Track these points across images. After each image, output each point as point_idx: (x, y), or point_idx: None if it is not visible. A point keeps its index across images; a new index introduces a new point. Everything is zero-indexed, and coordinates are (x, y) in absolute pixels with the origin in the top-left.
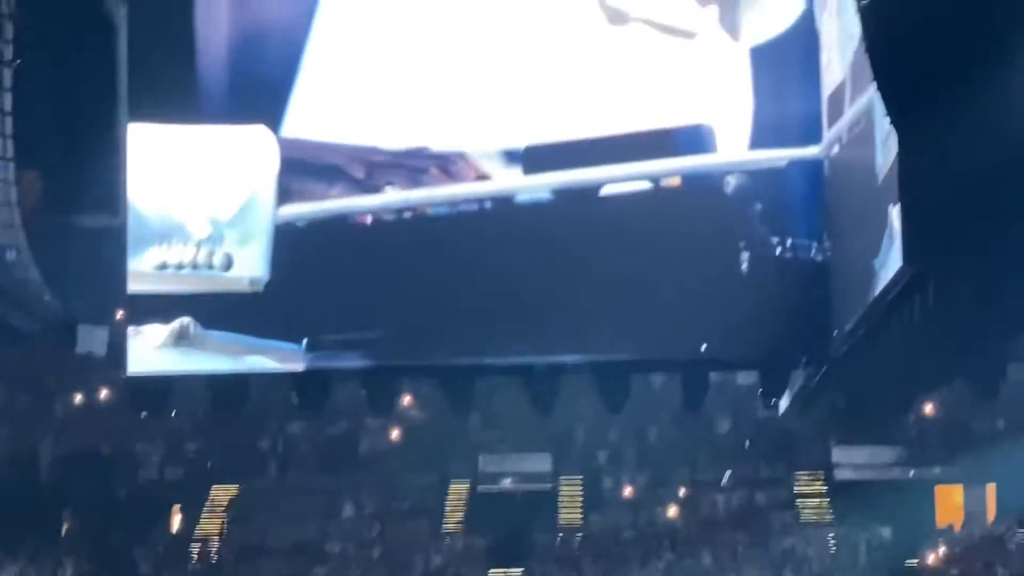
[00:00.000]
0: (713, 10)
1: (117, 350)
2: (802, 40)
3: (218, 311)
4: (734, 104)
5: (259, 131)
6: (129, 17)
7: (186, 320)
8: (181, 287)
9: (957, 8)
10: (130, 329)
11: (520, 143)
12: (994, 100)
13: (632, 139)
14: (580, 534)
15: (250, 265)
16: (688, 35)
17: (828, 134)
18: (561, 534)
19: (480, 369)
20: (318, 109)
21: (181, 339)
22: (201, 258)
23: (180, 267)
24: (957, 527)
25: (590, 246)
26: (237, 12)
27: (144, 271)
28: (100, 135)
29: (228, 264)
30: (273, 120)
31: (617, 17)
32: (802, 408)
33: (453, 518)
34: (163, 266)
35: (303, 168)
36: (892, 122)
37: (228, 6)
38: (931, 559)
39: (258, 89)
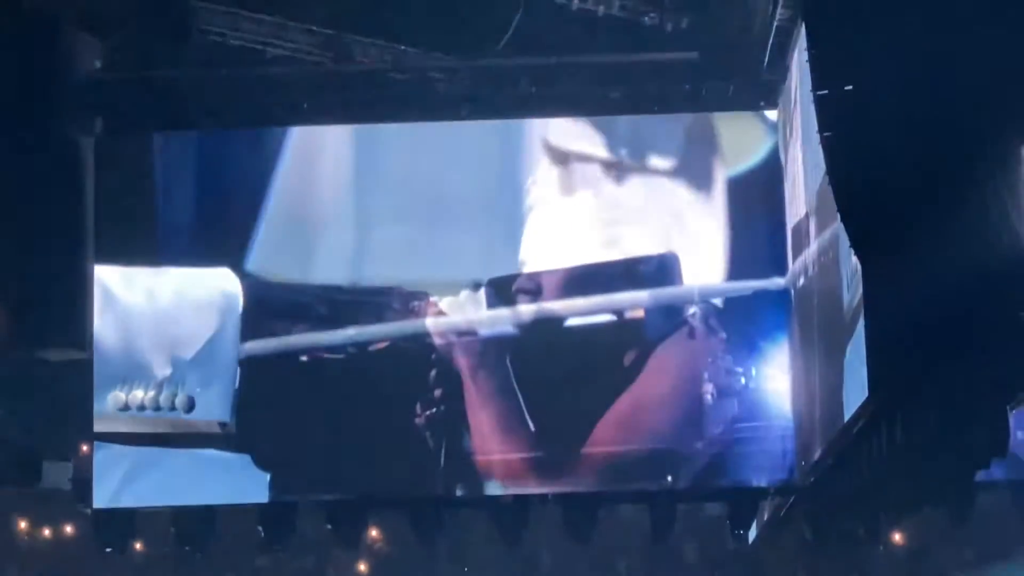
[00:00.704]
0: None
1: (82, 485)
2: (770, 170)
3: (183, 442)
4: (700, 234)
5: (223, 273)
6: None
7: (151, 450)
8: (144, 429)
9: (923, 140)
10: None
11: (482, 278)
12: (961, 234)
13: (595, 269)
14: None
15: (213, 407)
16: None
17: (793, 265)
18: None
19: (447, 501)
20: (284, 251)
21: (145, 470)
22: (163, 400)
23: (142, 409)
24: None
25: (554, 378)
26: (202, 162)
27: (107, 414)
28: (66, 265)
29: (190, 406)
30: (238, 262)
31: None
32: (771, 538)
33: None
34: (125, 408)
35: (268, 308)
36: (857, 254)
37: (194, 156)
38: None
39: (222, 232)
